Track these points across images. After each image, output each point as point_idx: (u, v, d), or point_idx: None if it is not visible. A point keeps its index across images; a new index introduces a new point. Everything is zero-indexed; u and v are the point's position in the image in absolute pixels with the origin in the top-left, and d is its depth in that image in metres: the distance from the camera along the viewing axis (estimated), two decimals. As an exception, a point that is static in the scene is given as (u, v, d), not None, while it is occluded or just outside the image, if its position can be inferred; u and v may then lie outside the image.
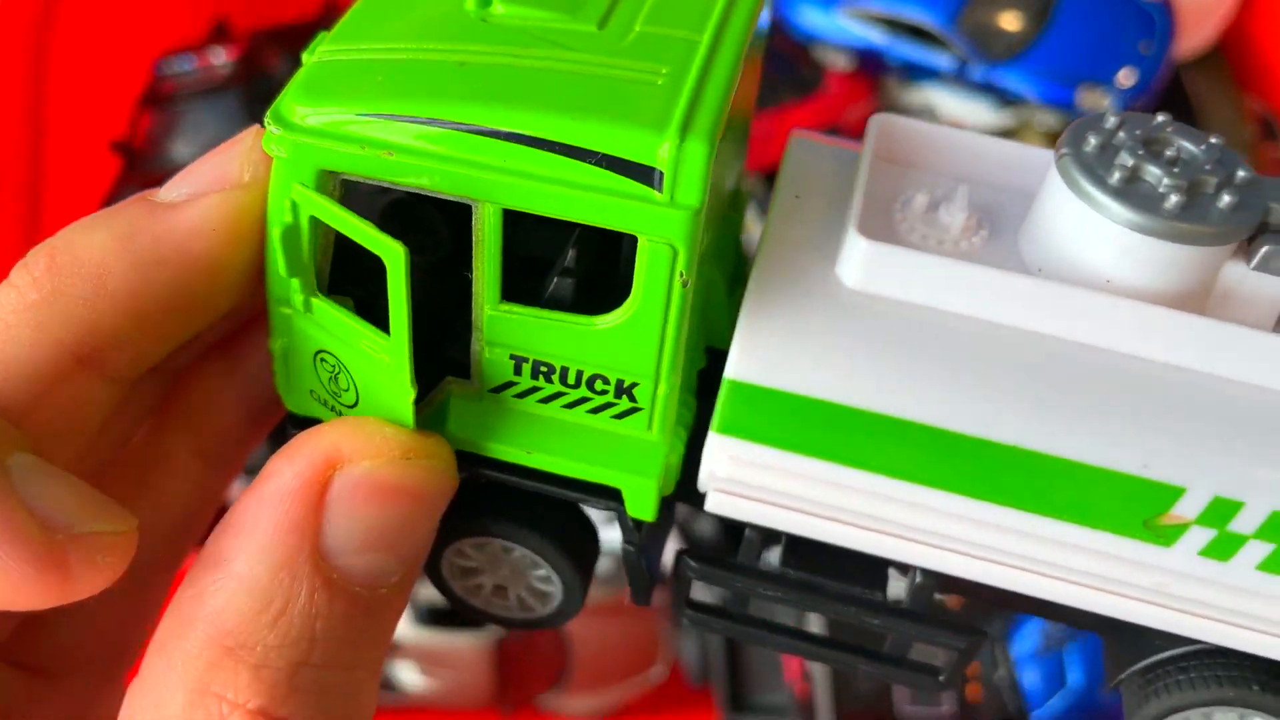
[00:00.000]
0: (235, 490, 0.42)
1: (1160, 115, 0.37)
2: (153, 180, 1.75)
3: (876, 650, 0.44)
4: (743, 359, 0.37)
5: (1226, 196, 0.34)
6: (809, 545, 0.40)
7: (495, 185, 0.33)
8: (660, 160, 0.32)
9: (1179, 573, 0.36)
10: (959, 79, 1.71)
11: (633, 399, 0.38)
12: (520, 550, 0.45)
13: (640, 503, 0.41)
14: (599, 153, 0.32)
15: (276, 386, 0.42)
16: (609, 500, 0.42)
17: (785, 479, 0.38)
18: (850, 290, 0.37)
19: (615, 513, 0.42)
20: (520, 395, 0.39)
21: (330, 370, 0.39)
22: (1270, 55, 1.88)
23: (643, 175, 0.32)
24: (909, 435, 0.36)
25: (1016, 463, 0.35)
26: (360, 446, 0.32)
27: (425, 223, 0.42)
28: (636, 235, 0.33)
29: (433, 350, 0.39)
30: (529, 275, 0.37)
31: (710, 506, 0.41)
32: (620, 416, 0.39)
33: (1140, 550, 0.36)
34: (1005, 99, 1.71)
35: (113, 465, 0.40)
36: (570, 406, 0.39)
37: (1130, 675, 0.40)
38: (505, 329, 0.37)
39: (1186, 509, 0.35)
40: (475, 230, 0.35)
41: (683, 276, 0.34)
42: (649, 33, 0.36)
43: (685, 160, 0.32)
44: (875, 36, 1.74)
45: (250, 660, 0.27)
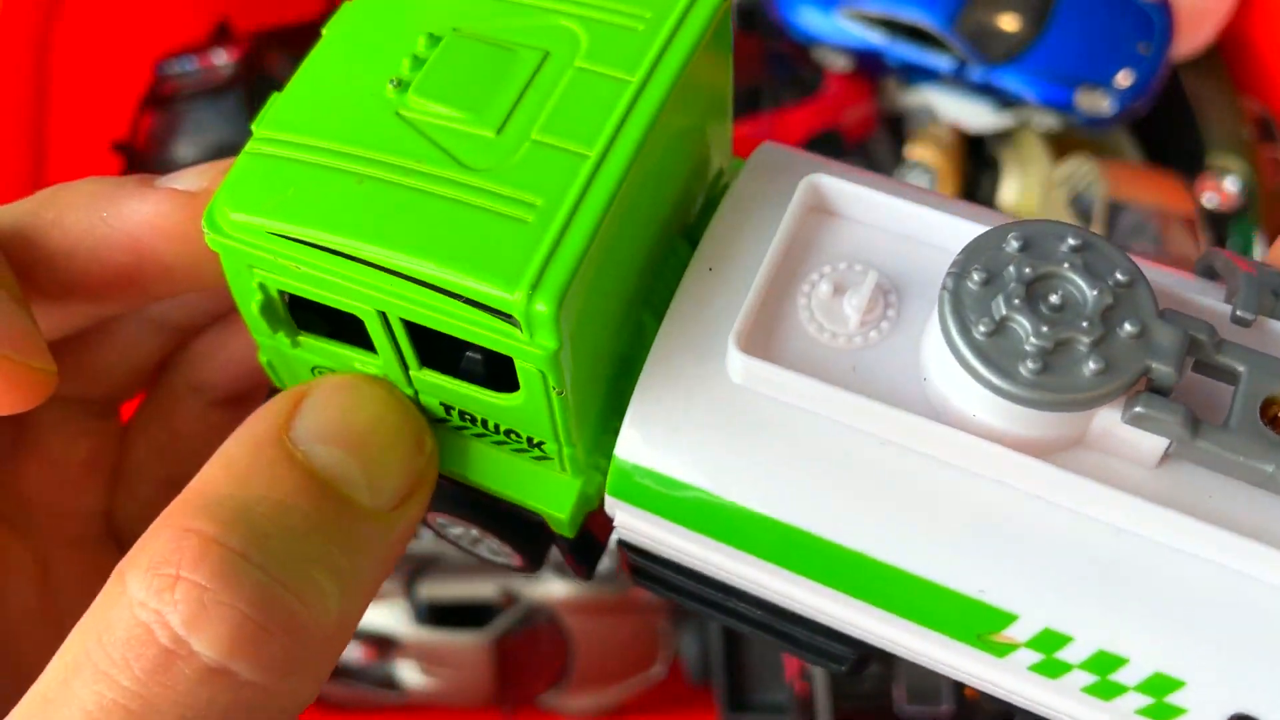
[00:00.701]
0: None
1: (1076, 236, 0.34)
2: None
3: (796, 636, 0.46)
4: (628, 441, 0.40)
5: (1092, 363, 0.33)
6: None
7: (394, 305, 0.36)
8: (515, 308, 0.34)
9: (1010, 678, 0.38)
10: (958, 80, 1.72)
11: (543, 451, 0.41)
12: (474, 528, 0.50)
13: (560, 525, 0.44)
14: (466, 297, 0.34)
15: (271, 378, 0.44)
16: (532, 517, 0.45)
17: (665, 534, 0.42)
18: (734, 385, 0.38)
19: (540, 526, 0.46)
20: (455, 429, 0.42)
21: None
22: (1269, 57, 1.89)
23: (505, 317, 0.34)
24: (765, 525, 0.38)
25: (863, 565, 0.37)
26: (335, 374, 0.36)
27: None
28: (513, 357, 0.36)
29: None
30: (445, 344, 0.38)
31: (618, 534, 0.44)
32: (536, 460, 0.42)
33: (975, 654, 0.38)
34: (1004, 100, 1.72)
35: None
36: (497, 444, 0.42)
37: None
38: (429, 385, 0.40)
39: (1017, 633, 0.36)
40: (379, 325, 0.37)
41: (556, 389, 0.37)
42: (541, 145, 0.37)
43: (534, 313, 0.34)
44: (874, 38, 1.74)
45: (200, 502, 0.28)
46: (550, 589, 1.73)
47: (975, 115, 1.84)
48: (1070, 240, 0.35)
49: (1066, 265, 0.34)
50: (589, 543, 0.49)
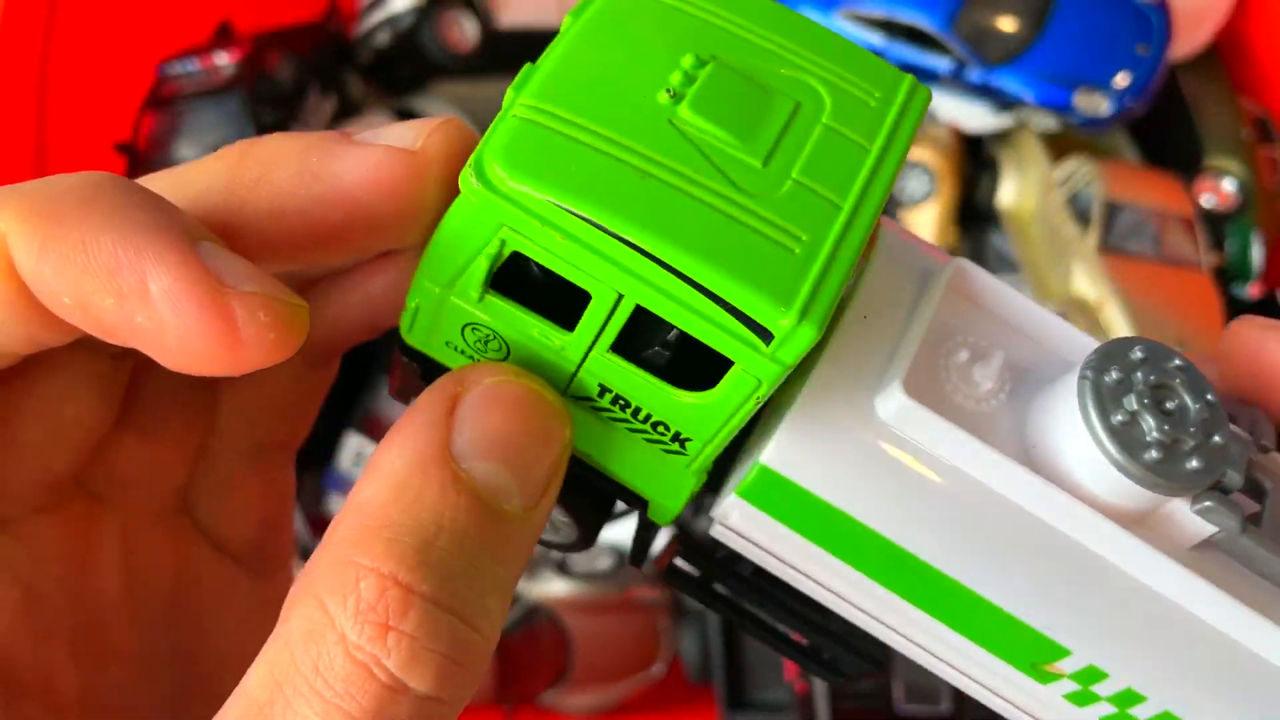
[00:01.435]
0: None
1: (1180, 359, 0.44)
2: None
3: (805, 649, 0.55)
4: (778, 452, 0.44)
5: (1195, 460, 0.42)
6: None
7: (643, 293, 0.39)
8: (778, 328, 0.38)
9: (1045, 705, 0.47)
10: (957, 81, 1.72)
11: (683, 448, 0.44)
12: None
13: (660, 515, 0.48)
14: (732, 305, 0.38)
15: (400, 323, 0.45)
16: (635, 501, 0.48)
17: (777, 543, 0.47)
18: (881, 422, 0.44)
19: (637, 510, 0.49)
20: (594, 410, 0.44)
21: (481, 338, 0.42)
22: (1267, 57, 1.89)
23: (758, 331, 0.38)
24: (878, 543, 0.45)
25: (954, 592, 0.45)
26: (485, 370, 0.36)
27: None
28: (734, 362, 0.39)
29: None
30: (631, 331, 0.41)
31: (715, 533, 0.49)
32: (667, 452, 0.45)
33: (1022, 678, 0.46)
34: (1003, 101, 1.72)
35: None
36: (631, 431, 0.45)
37: None
38: (603, 367, 0.42)
39: (1066, 666, 0.45)
40: (608, 306, 0.40)
41: (759, 399, 0.40)
42: (801, 185, 0.40)
43: (796, 337, 0.38)
44: (873, 39, 1.75)
45: (384, 535, 0.30)
46: (550, 588, 1.74)
47: (974, 116, 1.85)
48: (1176, 361, 0.44)
49: (1177, 380, 0.44)
50: (653, 535, 0.53)
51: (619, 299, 0.40)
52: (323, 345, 0.45)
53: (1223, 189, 1.78)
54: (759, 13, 0.46)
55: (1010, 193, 1.86)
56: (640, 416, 0.44)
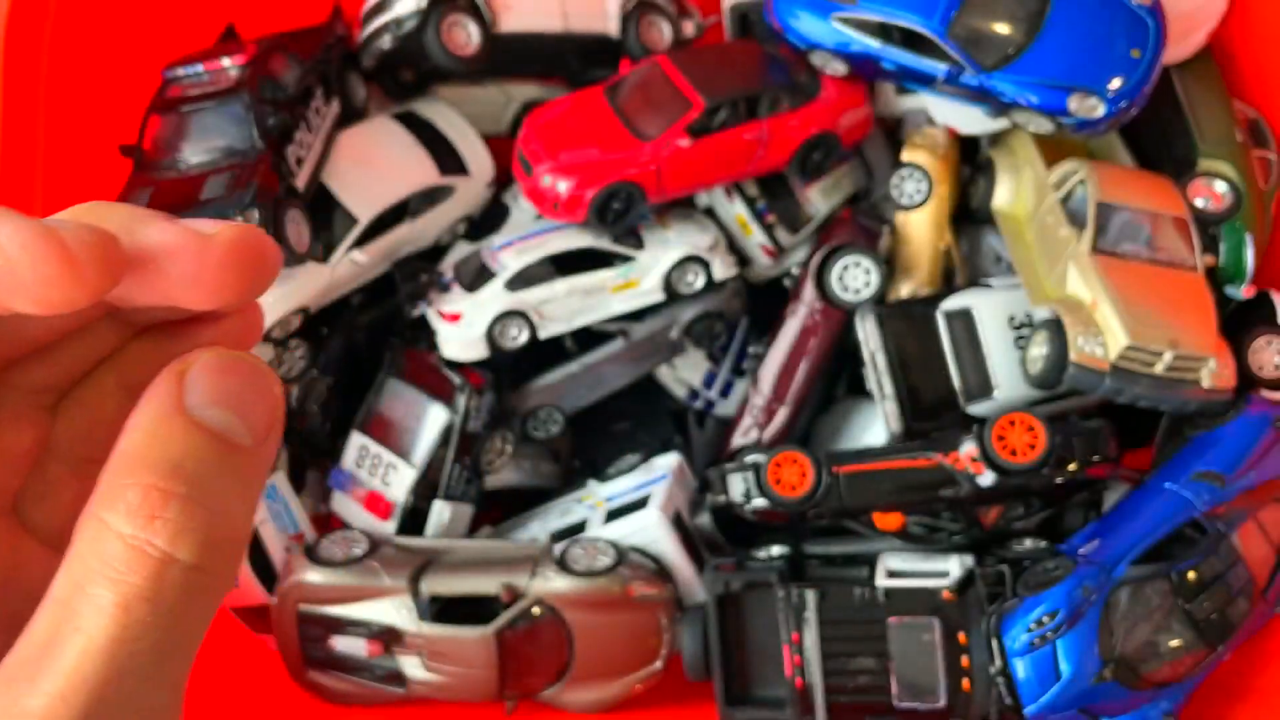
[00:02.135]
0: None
1: None
2: (161, 183, 1.76)
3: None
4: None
5: None
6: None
7: None
8: None
9: None
10: (952, 85, 1.74)
11: None
12: None
13: None
14: None
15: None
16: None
17: None
18: None
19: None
20: None
21: None
22: (1260, 61, 1.91)
23: None
24: None
25: None
26: (202, 350, 0.43)
27: None
28: None
29: None
30: None
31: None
32: None
33: None
34: (998, 105, 1.74)
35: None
36: None
37: None
38: None
39: None
40: None
41: None
42: None
43: None
44: (870, 43, 1.77)
45: (144, 465, 0.39)
46: (552, 585, 1.75)
47: (970, 120, 1.87)
48: None
49: None
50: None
51: None
52: (144, 385, 0.50)
53: (1215, 190, 1.80)
54: None
55: (1005, 195, 1.88)
56: None
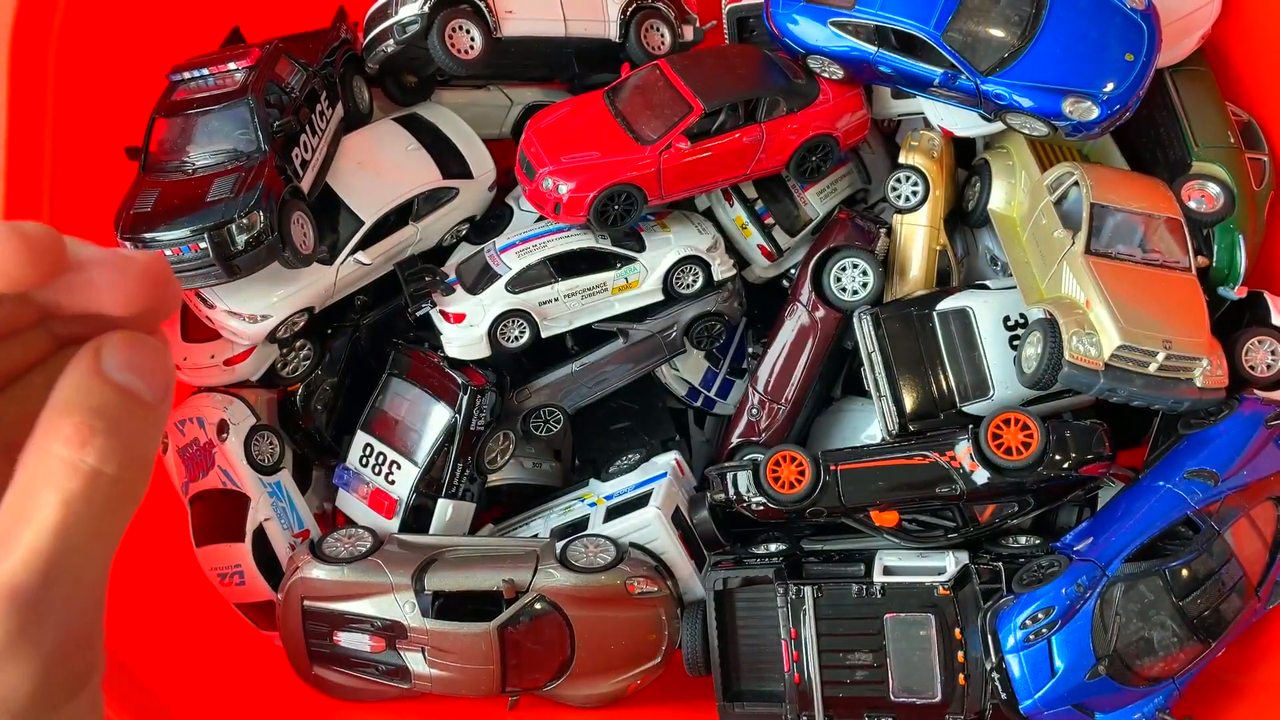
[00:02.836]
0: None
1: None
2: (168, 184, 1.77)
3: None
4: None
5: None
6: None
7: None
8: None
9: None
10: (948, 89, 1.76)
11: None
12: None
13: None
14: None
15: None
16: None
17: None
18: None
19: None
20: None
21: None
22: (1253, 64, 1.93)
23: None
24: None
25: None
26: (112, 332, 0.53)
27: None
28: None
29: None
30: None
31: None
32: None
33: None
34: (994, 108, 1.76)
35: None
36: None
37: None
38: None
39: None
40: None
41: None
42: None
43: None
44: (867, 47, 1.79)
45: (73, 409, 0.50)
46: (554, 581, 1.77)
47: (965, 123, 1.89)
48: None
49: None
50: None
51: None
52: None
53: (1209, 192, 1.82)
54: None
55: (1000, 197, 1.90)
56: None
